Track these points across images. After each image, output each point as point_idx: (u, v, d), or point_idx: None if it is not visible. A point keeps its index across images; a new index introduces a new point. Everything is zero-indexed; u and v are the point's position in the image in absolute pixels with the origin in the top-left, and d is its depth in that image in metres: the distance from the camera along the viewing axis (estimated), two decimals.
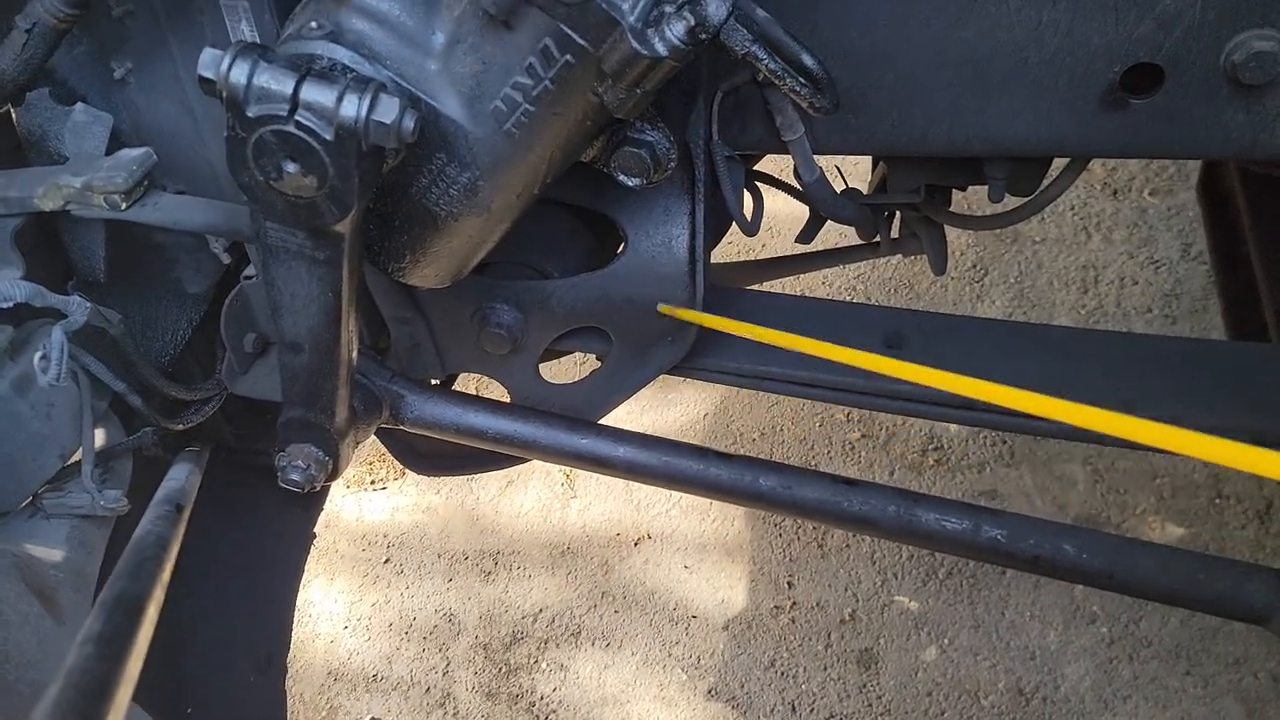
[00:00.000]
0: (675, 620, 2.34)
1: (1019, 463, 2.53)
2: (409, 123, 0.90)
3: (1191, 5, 1.05)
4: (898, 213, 1.60)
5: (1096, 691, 2.07)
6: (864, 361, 0.98)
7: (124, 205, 1.20)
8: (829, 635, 2.25)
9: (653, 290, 1.33)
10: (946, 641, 2.20)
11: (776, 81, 1.03)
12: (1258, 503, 2.34)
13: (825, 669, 2.20)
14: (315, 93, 0.88)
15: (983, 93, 1.16)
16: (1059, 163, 1.33)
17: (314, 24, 0.95)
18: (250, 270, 1.42)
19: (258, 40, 1.16)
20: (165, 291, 1.48)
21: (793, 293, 3.06)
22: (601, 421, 1.49)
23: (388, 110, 0.89)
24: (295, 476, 1.27)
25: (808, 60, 1.08)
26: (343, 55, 0.94)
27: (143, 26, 1.20)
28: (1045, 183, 1.39)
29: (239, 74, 0.88)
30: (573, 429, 1.40)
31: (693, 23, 0.87)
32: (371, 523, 2.71)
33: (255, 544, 1.94)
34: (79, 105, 1.26)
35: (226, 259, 1.46)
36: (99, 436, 1.36)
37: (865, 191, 1.56)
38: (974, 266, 3.12)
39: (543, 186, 1.07)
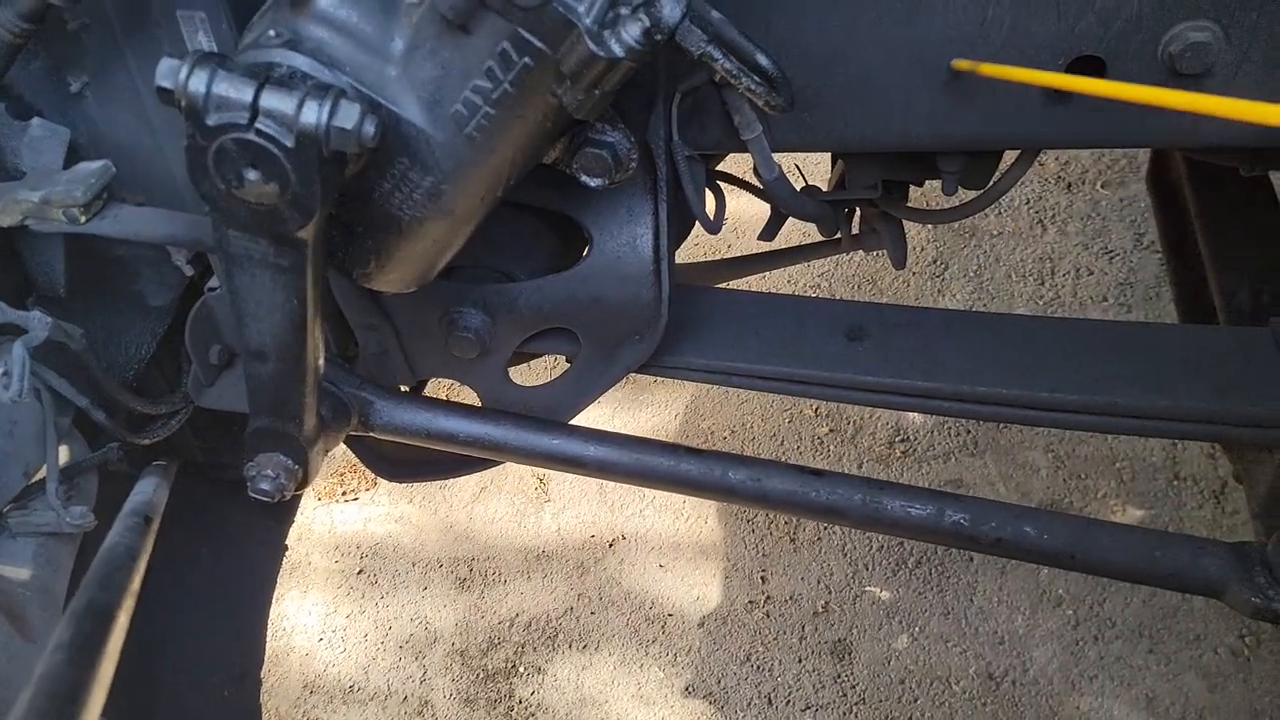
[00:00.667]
0: (651, 619, 2.35)
1: (983, 452, 2.57)
2: (370, 128, 0.91)
3: None
4: (857, 209, 1.63)
5: (1064, 673, 2.11)
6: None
7: (83, 219, 1.19)
8: (803, 628, 2.28)
9: (618, 290, 1.34)
10: (917, 629, 2.23)
11: (733, 81, 1.05)
12: (1213, 483, 2.40)
13: (800, 661, 2.22)
14: (275, 100, 0.89)
15: (933, 89, 1.19)
16: (1010, 156, 1.36)
17: (272, 32, 0.96)
18: (214, 282, 1.42)
19: (215, 50, 1.16)
20: (127, 305, 1.48)
21: (759, 290, 3.09)
22: (572, 422, 1.50)
23: (348, 116, 0.89)
24: (265, 486, 1.27)
25: (762, 60, 1.10)
26: (301, 63, 0.94)
27: (98, 40, 1.20)
28: (997, 176, 1.43)
29: (198, 83, 0.88)
30: (544, 430, 1.41)
31: (648, 24, 0.89)
32: (344, 534, 2.70)
33: (226, 558, 1.93)
34: (35, 120, 1.25)
35: (189, 271, 1.45)
36: (63, 453, 1.35)
37: (825, 188, 1.59)
38: (934, 261, 3.17)
39: (506, 189, 1.08)
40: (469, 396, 1.49)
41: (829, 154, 1.58)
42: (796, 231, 2.55)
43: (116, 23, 1.18)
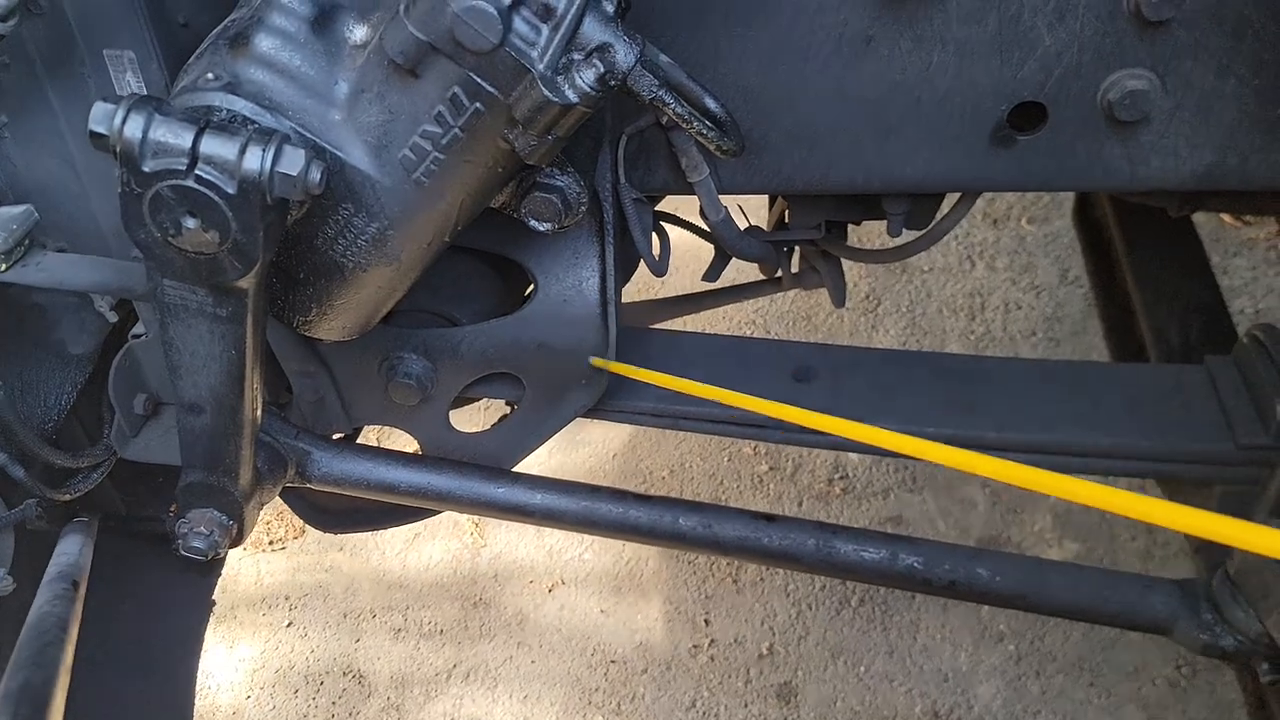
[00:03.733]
0: (594, 666, 2.31)
1: (921, 488, 2.59)
2: (315, 174, 0.88)
3: (1069, 46, 1.11)
4: (796, 248, 1.63)
5: (1008, 709, 2.12)
6: (802, 418, 0.98)
7: (3, 266, 1.13)
8: (748, 671, 2.25)
9: (564, 333, 1.32)
10: (863, 669, 2.22)
11: (684, 125, 1.04)
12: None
13: (746, 706, 2.20)
14: (216, 145, 0.85)
15: (880, 133, 1.20)
16: (951, 196, 1.38)
17: (210, 75, 0.92)
18: (139, 328, 1.36)
19: (145, 91, 1.11)
20: (46, 354, 1.40)
21: (701, 331, 3.09)
22: (516, 468, 1.47)
23: (293, 162, 0.86)
24: (198, 544, 1.21)
25: (710, 104, 1.10)
26: (242, 106, 0.91)
27: (19, 79, 1.15)
28: (938, 217, 1.45)
29: (134, 128, 0.84)
30: (488, 478, 1.38)
31: (602, 70, 0.88)
32: (271, 585, 2.60)
33: (149, 615, 1.83)
34: None
35: (113, 317, 1.39)
36: None
37: (764, 228, 1.59)
38: (867, 297, 3.21)
39: (453, 234, 1.05)
40: (402, 440, 1.45)
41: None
42: (733, 269, 2.56)
43: (39, 62, 1.13)
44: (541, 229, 1.09)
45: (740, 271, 1.66)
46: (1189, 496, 1.45)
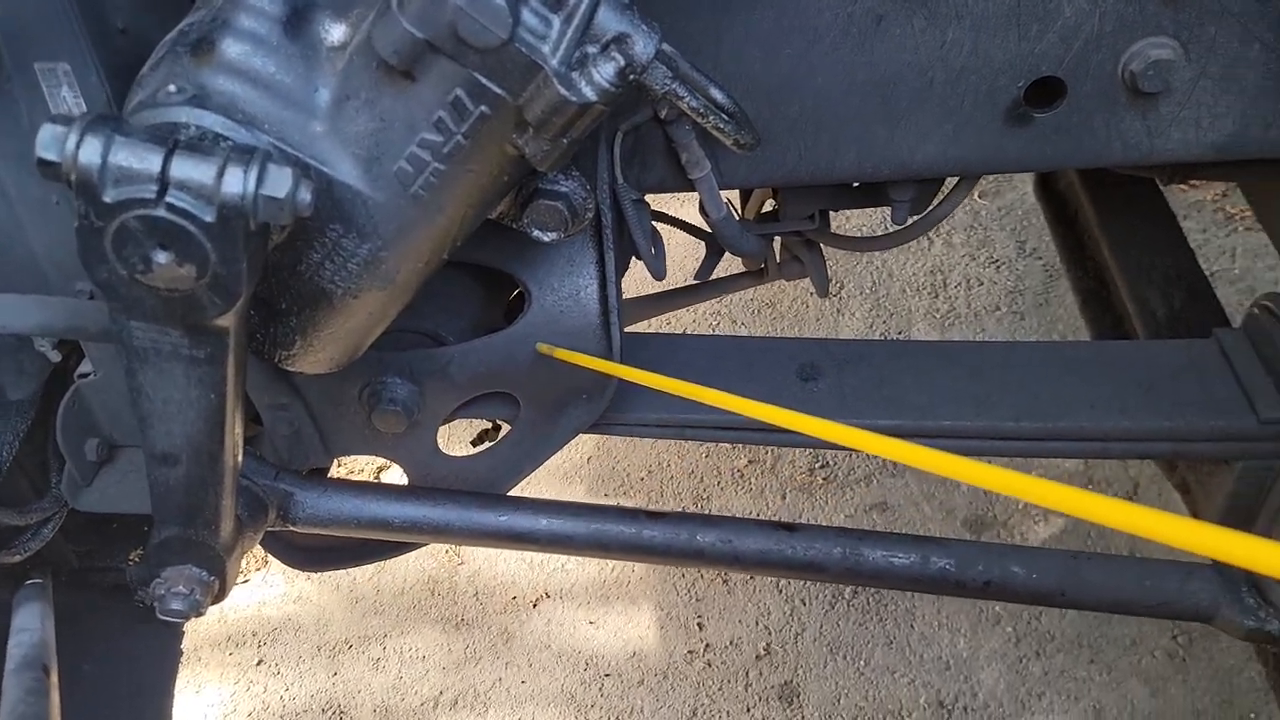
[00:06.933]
0: (587, 682, 2.22)
1: (902, 472, 2.56)
2: (304, 195, 0.78)
3: (1090, 16, 1.05)
4: (778, 238, 1.57)
5: (1012, 693, 2.09)
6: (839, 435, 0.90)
7: None
8: (747, 674, 2.19)
9: (563, 346, 1.23)
10: (863, 663, 2.18)
11: (699, 119, 0.97)
12: (1126, 485, 2.44)
13: (749, 710, 2.14)
14: (189, 168, 0.74)
15: (890, 117, 1.13)
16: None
17: (172, 87, 0.81)
18: (85, 366, 1.24)
19: (83, 108, 0.99)
20: None
21: (683, 331, 3.02)
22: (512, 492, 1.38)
23: (279, 183, 0.76)
24: (177, 606, 1.10)
25: (717, 94, 1.02)
26: (213, 121, 0.80)
27: None
28: (937, 199, 1.39)
29: (91, 152, 0.73)
30: (487, 506, 1.28)
31: (623, 63, 0.79)
32: (237, 622, 2.47)
33: (111, 673, 1.70)
34: None
35: (55, 356, 1.26)
36: None
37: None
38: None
39: (452, 250, 0.96)
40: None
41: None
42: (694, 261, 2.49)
43: None
44: (547, 239, 1.01)
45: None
46: (1207, 474, 1.42)
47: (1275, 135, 1.14)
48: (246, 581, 2.55)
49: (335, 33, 0.84)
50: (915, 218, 1.40)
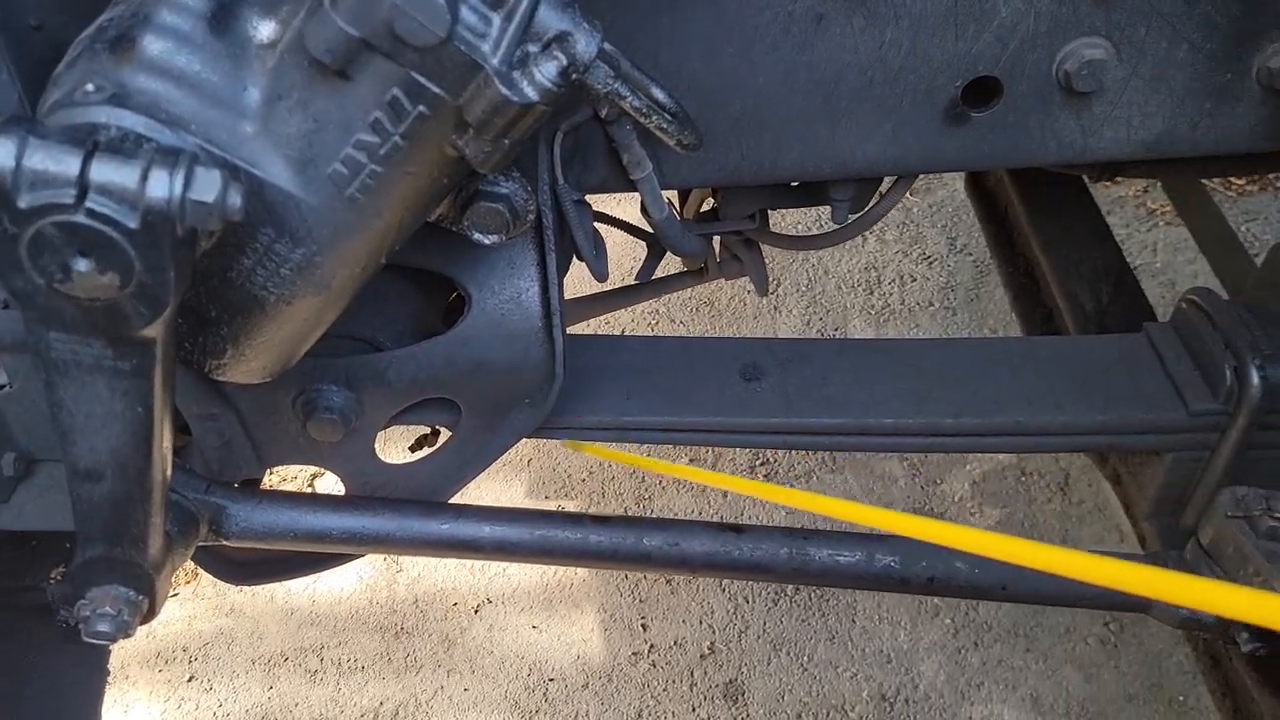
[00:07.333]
0: (531, 687, 2.20)
1: (841, 468, 2.58)
2: (234, 198, 0.74)
3: (1025, 16, 1.06)
4: (718, 237, 1.57)
5: (952, 684, 2.12)
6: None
7: None
8: (692, 673, 2.19)
9: (504, 350, 1.21)
10: (806, 659, 2.19)
11: (641, 119, 0.95)
12: (1057, 476, 2.50)
13: (694, 710, 2.13)
14: (111, 171, 0.71)
15: (832, 116, 1.14)
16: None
17: (90, 86, 0.77)
18: (1, 378, 1.18)
19: None
20: None
21: (623, 333, 3.01)
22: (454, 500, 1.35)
23: (207, 185, 0.73)
24: (104, 627, 1.05)
25: (658, 93, 1.00)
26: (135, 122, 0.76)
27: None
28: (875, 198, 1.40)
29: (3, 155, 0.69)
30: (429, 514, 1.26)
31: (565, 62, 0.77)
32: (166, 637, 2.39)
33: (33, 699, 1.62)
34: None
35: None
36: None
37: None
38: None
39: (390, 254, 0.93)
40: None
41: None
42: (630, 261, 2.48)
43: None
44: (487, 242, 0.98)
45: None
46: (1139, 464, 1.45)
47: (1202, 134, 1.16)
48: (176, 595, 2.47)
49: (264, 30, 0.81)
50: (854, 216, 1.40)
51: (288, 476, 2.63)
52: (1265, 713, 1.26)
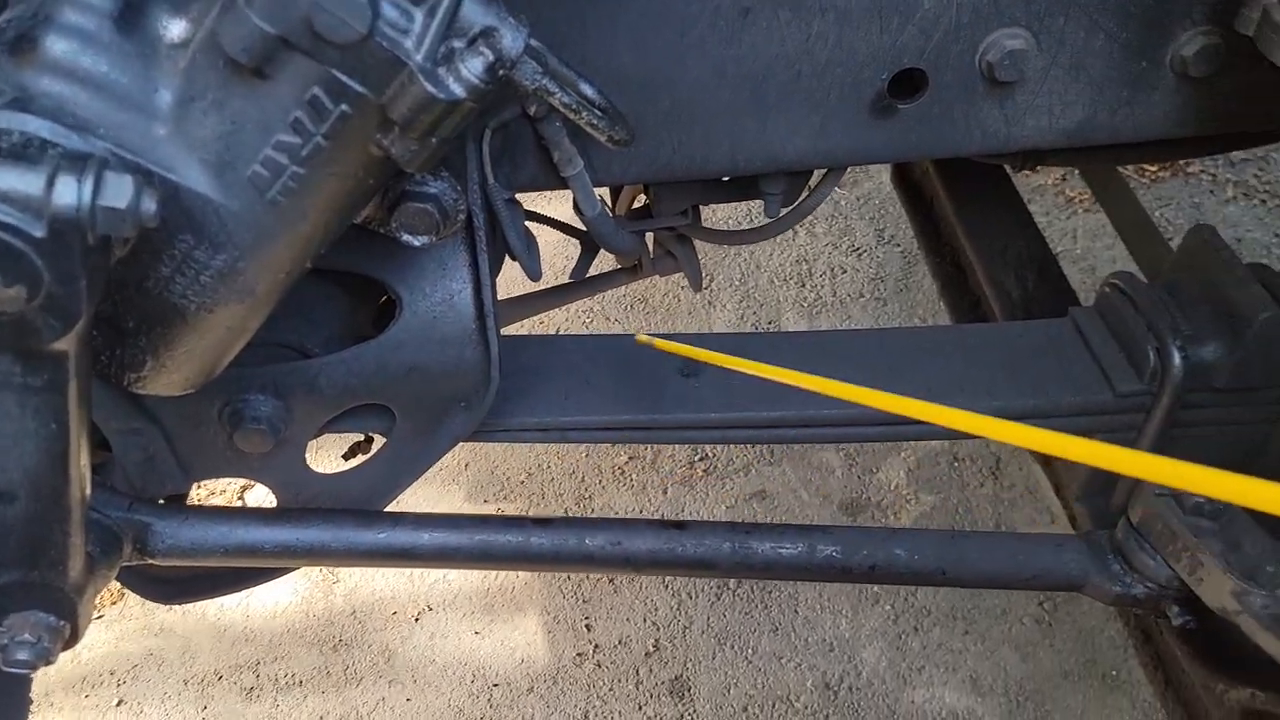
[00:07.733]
0: (475, 694, 2.17)
1: (779, 460, 2.59)
2: (149, 204, 0.72)
3: (948, 7, 1.08)
4: (651, 234, 1.56)
5: (893, 669, 2.15)
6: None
7: None
8: (637, 672, 2.18)
9: (438, 354, 1.19)
10: (751, 651, 2.20)
11: (571, 115, 0.94)
12: (989, 461, 2.55)
13: (640, 708, 2.13)
14: (13, 178, 0.67)
15: (761, 110, 1.14)
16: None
17: None
18: None
19: None
20: None
21: (556, 331, 2.98)
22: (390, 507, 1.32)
23: (119, 191, 0.70)
24: (23, 655, 1.01)
25: (587, 89, 0.99)
26: (38, 127, 0.73)
27: None
28: (805, 192, 1.41)
29: None
30: (365, 524, 1.23)
31: (491, 58, 0.76)
32: (92, 660, 2.30)
33: None
34: None
35: None
36: None
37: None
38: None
39: (315, 257, 0.90)
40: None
41: None
42: (564, 260, 2.46)
43: None
44: (417, 243, 0.96)
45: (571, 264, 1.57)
46: None
47: (1121, 121, 1.19)
48: (101, 617, 2.38)
49: (175, 29, 0.78)
50: (786, 210, 1.41)
51: (216, 490, 2.56)
52: (1195, 683, 1.29)
